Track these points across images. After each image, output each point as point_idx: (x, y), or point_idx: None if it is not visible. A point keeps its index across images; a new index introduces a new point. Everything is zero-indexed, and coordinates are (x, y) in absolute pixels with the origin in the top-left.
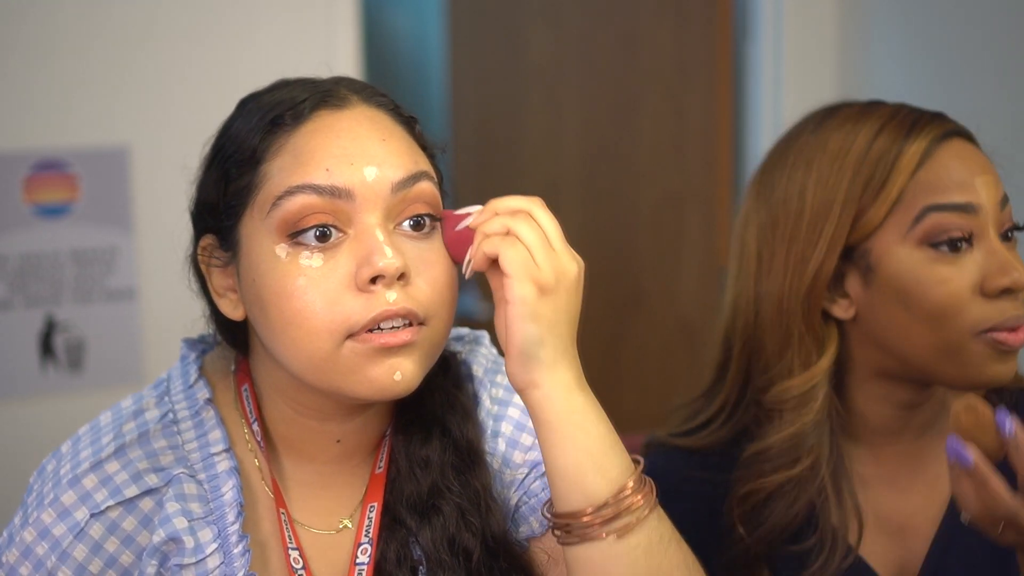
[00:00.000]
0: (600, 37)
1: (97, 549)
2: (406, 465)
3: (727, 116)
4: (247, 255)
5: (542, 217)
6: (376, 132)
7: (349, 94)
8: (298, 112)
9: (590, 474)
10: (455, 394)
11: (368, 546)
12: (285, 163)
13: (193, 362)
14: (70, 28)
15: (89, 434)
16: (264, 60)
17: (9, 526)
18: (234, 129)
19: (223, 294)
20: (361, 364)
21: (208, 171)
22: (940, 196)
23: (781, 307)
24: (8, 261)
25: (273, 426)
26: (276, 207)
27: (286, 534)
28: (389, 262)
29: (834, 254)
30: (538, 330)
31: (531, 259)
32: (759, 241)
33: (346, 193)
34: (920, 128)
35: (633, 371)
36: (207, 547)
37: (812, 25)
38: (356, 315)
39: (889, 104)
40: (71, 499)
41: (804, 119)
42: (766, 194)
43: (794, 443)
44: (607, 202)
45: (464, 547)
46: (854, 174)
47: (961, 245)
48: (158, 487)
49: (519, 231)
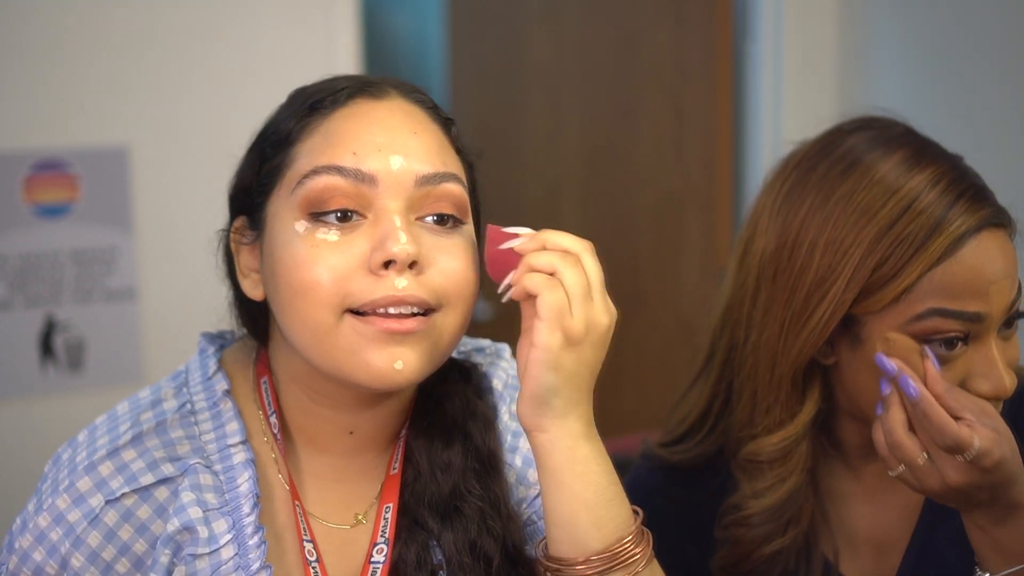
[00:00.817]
0: (600, 37)
1: (111, 536)
2: (427, 467)
3: (727, 116)
4: (270, 233)
5: (590, 264)
6: (409, 125)
7: (389, 88)
8: (336, 98)
9: (585, 525)
10: (477, 403)
11: (384, 546)
12: (315, 144)
13: (212, 355)
14: (71, 29)
15: (106, 423)
16: (264, 60)
17: (22, 513)
18: (277, 115)
19: (247, 274)
20: (362, 345)
21: (248, 156)
22: (949, 301)
23: (774, 364)
24: (8, 261)
25: (289, 415)
26: (301, 185)
27: (301, 527)
28: (402, 247)
29: (831, 324)
30: (556, 380)
31: (567, 307)
32: (760, 269)
33: (370, 178)
34: (954, 216)
35: (633, 371)
36: (221, 538)
37: (812, 25)
38: (359, 291)
39: (934, 164)
40: (87, 485)
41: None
42: (779, 221)
43: (778, 512)
44: (607, 202)
45: (485, 552)
46: (868, 251)
47: (956, 344)
48: (174, 476)
49: (565, 276)
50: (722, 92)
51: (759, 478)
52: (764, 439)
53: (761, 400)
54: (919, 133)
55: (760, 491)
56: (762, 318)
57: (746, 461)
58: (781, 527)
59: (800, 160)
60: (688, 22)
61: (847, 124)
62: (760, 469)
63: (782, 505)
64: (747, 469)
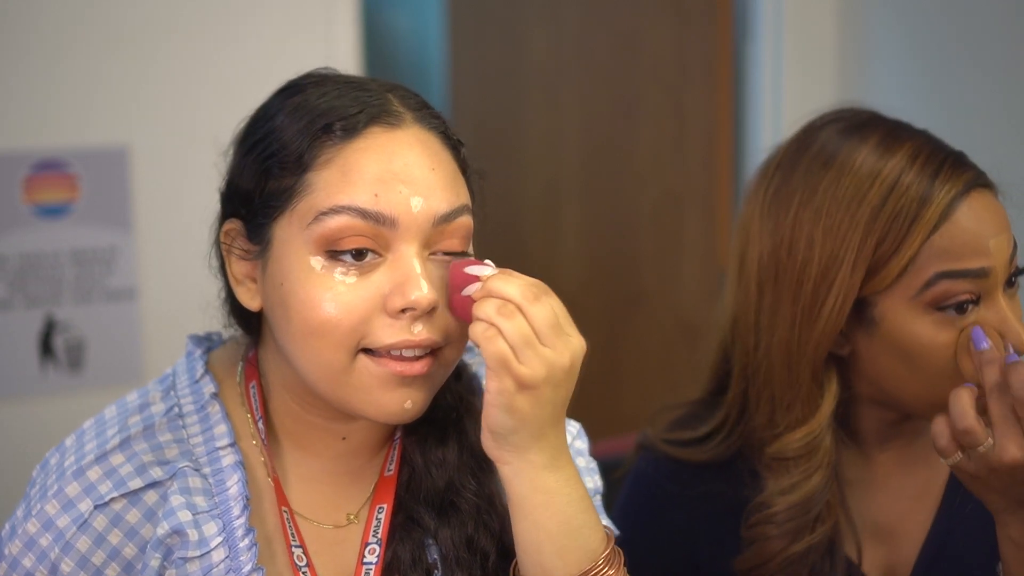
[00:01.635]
0: (600, 37)
1: (100, 541)
2: (421, 464)
3: (727, 116)
4: (279, 258)
5: (535, 311)
6: (427, 159)
7: (404, 111)
8: (351, 124)
9: (549, 554)
10: (470, 400)
11: (376, 546)
12: (332, 178)
13: (199, 358)
14: (71, 29)
15: (94, 427)
16: (264, 60)
17: (11, 519)
18: (278, 123)
19: (242, 281)
20: (374, 386)
21: (245, 158)
22: (953, 263)
23: (790, 362)
24: (8, 261)
25: (279, 420)
26: (317, 221)
27: (289, 532)
28: (422, 296)
29: (845, 310)
30: (512, 421)
31: (511, 356)
32: (760, 272)
33: (390, 221)
34: (940, 184)
35: (633, 371)
36: (211, 540)
37: (812, 25)
38: (378, 334)
39: (908, 141)
40: (75, 490)
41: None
42: (770, 223)
43: (805, 508)
44: (607, 202)
45: (482, 548)
46: (866, 232)
47: (968, 307)
48: (162, 480)
49: (502, 328)
50: (722, 92)
51: (785, 475)
52: (788, 436)
53: (780, 400)
54: (886, 116)
55: (787, 488)
56: (771, 320)
57: (772, 460)
58: (809, 524)
59: (779, 162)
60: (688, 22)
61: (816, 120)
62: (786, 467)
63: (809, 500)
64: (773, 468)
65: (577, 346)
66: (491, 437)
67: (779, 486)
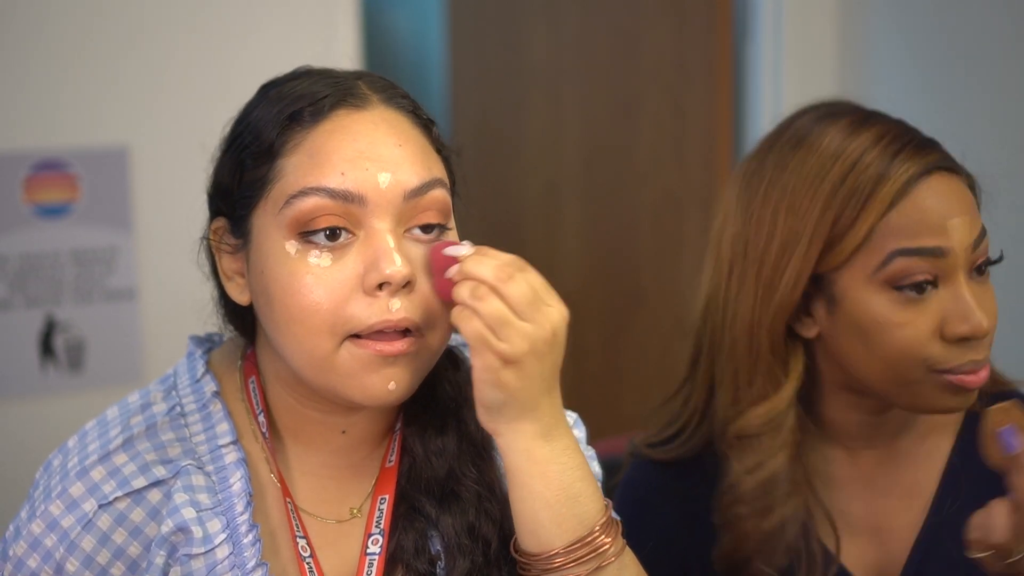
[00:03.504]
0: (600, 37)
1: (105, 540)
2: (422, 453)
3: (727, 116)
4: (257, 246)
5: (510, 289)
6: (393, 136)
7: (370, 93)
8: (317, 109)
9: (546, 523)
10: (467, 389)
11: (379, 536)
12: (301, 162)
13: (200, 357)
14: (70, 28)
15: (96, 428)
16: (264, 60)
17: (15, 520)
18: (253, 116)
19: (231, 277)
20: (357, 369)
21: (225, 155)
22: (909, 240)
23: (751, 336)
24: (8, 261)
25: (278, 416)
26: (288, 205)
27: (293, 523)
28: (396, 269)
29: (800, 285)
30: (501, 395)
31: (489, 334)
32: (732, 251)
33: (358, 198)
34: (900, 163)
35: (633, 371)
36: (216, 537)
37: (812, 25)
38: (358, 317)
39: (877, 124)
40: (79, 491)
41: (792, 118)
42: (744, 201)
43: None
44: (607, 202)
45: (483, 535)
46: (824, 208)
47: (926, 288)
48: (166, 479)
49: (477, 309)
50: (722, 92)
51: (750, 454)
52: (750, 412)
53: (743, 374)
54: (863, 107)
55: (751, 467)
56: (736, 297)
57: (735, 439)
58: (780, 499)
59: (757, 149)
60: (688, 22)
61: (797, 111)
62: (750, 445)
63: (775, 478)
64: (737, 447)
65: (557, 315)
66: (484, 411)
67: (744, 465)
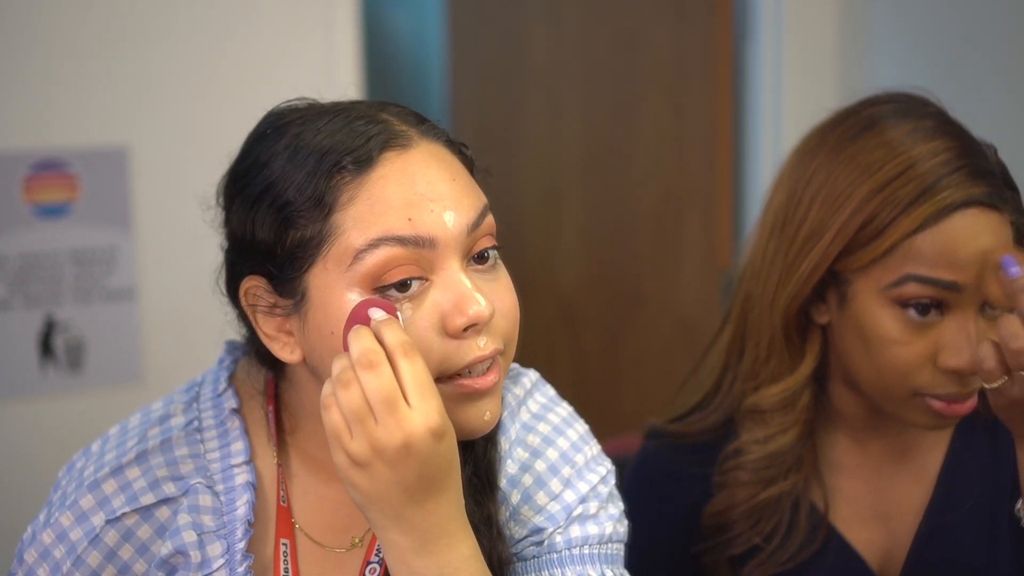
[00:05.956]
0: (600, 37)
1: (111, 556)
2: None
3: (727, 116)
4: (321, 307)
5: (367, 380)
6: (444, 171)
7: (407, 128)
8: (364, 155)
9: None
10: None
11: (377, 566)
12: (360, 214)
13: (226, 368)
14: (70, 28)
15: (116, 436)
16: (264, 60)
17: (33, 522)
18: (279, 171)
19: (275, 337)
20: (451, 409)
21: (251, 212)
22: (927, 269)
23: (771, 310)
24: (8, 261)
25: (305, 446)
26: (358, 261)
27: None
28: (482, 311)
29: (817, 274)
30: (358, 496)
31: (345, 428)
32: (774, 220)
33: (429, 241)
34: (944, 186)
35: (633, 371)
36: (214, 562)
37: (812, 25)
38: (449, 360)
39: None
40: (89, 503)
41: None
42: (795, 175)
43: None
44: (607, 202)
45: None
46: (857, 209)
47: (929, 311)
48: (175, 496)
49: (337, 397)
50: (722, 92)
51: (762, 426)
52: (766, 389)
53: (760, 350)
54: (948, 114)
55: (763, 439)
56: (769, 264)
57: (750, 411)
58: (782, 473)
59: (826, 122)
60: (688, 22)
61: (883, 95)
62: (763, 418)
63: (784, 453)
64: (751, 418)
65: (417, 423)
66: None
67: (754, 436)
